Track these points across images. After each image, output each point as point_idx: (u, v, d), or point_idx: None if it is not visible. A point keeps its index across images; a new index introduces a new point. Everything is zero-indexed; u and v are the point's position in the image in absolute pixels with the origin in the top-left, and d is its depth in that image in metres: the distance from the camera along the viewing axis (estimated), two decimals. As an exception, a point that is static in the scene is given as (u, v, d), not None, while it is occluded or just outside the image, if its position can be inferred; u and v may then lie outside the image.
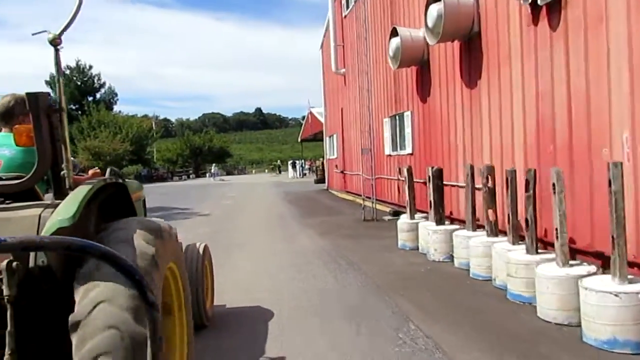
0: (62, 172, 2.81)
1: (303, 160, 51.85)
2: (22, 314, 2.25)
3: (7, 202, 2.68)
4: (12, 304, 2.19)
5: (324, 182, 36.43)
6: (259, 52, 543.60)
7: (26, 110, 2.80)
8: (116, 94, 66.67)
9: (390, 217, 13.41)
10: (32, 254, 2.32)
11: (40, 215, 2.53)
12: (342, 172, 21.19)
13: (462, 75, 9.35)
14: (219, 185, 40.96)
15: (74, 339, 2.16)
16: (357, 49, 17.22)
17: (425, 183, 9.85)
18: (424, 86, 11.50)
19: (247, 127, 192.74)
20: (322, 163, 53.99)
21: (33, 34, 2.77)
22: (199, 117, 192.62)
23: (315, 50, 26.10)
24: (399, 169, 13.28)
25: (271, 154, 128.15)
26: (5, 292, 2.20)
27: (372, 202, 13.85)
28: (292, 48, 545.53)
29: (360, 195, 17.91)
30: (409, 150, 12.67)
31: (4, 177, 2.81)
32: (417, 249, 9.00)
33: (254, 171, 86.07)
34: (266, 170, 76.79)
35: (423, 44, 11.03)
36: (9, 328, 2.16)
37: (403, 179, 12.25)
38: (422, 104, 11.71)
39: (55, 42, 2.70)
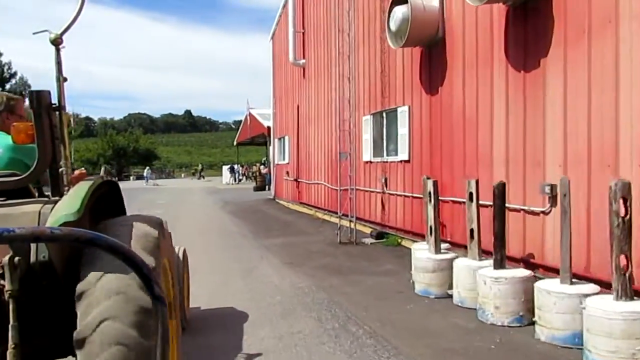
0: (60, 170, 2.85)
1: (239, 165, 48.19)
2: (22, 308, 2.24)
3: (1, 199, 2.65)
4: (14, 298, 2.20)
5: (264, 189, 33.37)
6: (191, 55, 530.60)
7: (6, 108, 3.20)
8: (29, 86, 60.10)
9: (373, 240, 10.58)
10: (33, 250, 2.34)
11: (40, 211, 2.54)
12: (295, 180, 18.20)
13: (509, 53, 6.70)
14: (146, 190, 36.56)
15: (80, 356, 2.13)
16: (326, 33, 14.38)
17: (429, 199, 7.08)
18: (433, 72, 8.78)
19: (175, 130, 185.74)
20: (259, 169, 50.87)
21: (34, 33, 2.87)
22: (124, 117, 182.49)
23: (249, 56, 23.07)
24: (385, 180, 10.52)
25: (201, 158, 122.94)
26: (7, 287, 2.22)
27: (351, 221, 10.95)
28: (225, 52, 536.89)
29: (321, 209, 15.04)
30: (403, 156, 9.91)
31: None
32: (449, 297, 6.21)
33: (182, 175, 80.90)
34: (182, 175, 70.67)
35: (437, 16, 8.34)
36: (11, 322, 2.17)
37: (392, 192, 9.56)
38: (427, 97, 8.99)
39: (57, 42, 2.75)
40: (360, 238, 10.71)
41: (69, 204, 2.44)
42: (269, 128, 34.54)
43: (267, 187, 33.57)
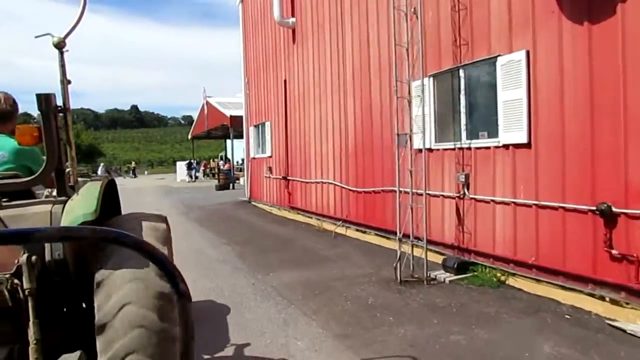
0: (67, 170, 2.86)
1: (195, 161, 43.13)
2: (36, 305, 2.29)
3: (4, 200, 2.65)
4: (32, 296, 2.24)
5: (228, 188, 28.83)
6: (132, 48, 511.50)
7: (18, 110, 3.22)
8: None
9: (451, 276, 6.55)
10: (48, 249, 2.41)
11: (51, 211, 2.57)
12: (283, 178, 13.92)
13: None
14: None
15: (101, 340, 2.14)
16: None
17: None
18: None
19: (121, 125, 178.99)
20: (218, 165, 45.93)
21: (36, 37, 2.84)
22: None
23: (194, 50, 18.49)
24: (465, 177, 6.56)
25: (150, 154, 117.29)
26: (26, 285, 2.25)
27: (414, 245, 6.84)
28: (169, 46, 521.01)
29: (329, 217, 10.91)
30: (512, 137, 5.93)
31: (0, 177, 2.79)
32: None
33: (132, 172, 74.48)
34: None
35: None
36: (31, 319, 2.21)
37: (483, 198, 5.63)
38: (580, 29, 5.02)
39: (60, 45, 2.75)
40: (426, 269, 6.64)
41: (86, 204, 2.47)
42: (232, 117, 30.09)
43: (231, 185, 29.14)
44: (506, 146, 6.07)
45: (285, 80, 13.71)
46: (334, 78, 10.76)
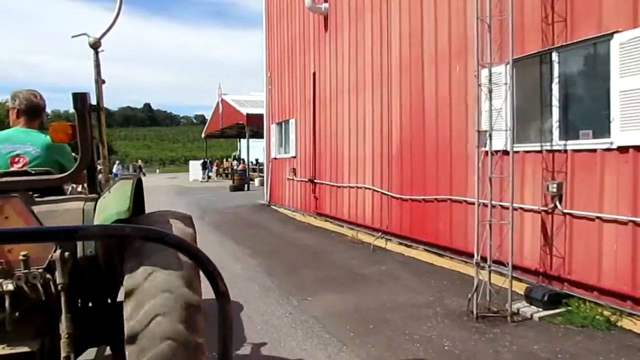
0: (99, 168, 2.92)
1: (203, 161, 41.96)
2: (68, 300, 2.35)
3: (36, 195, 2.65)
4: (64, 291, 2.30)
5: (242, 189, 27.63)
6: (149, 47, 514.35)
7: (45, 106, 3.25)
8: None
9: (540, 312, 5.21)
10: (80, 245, 2.44)
11: (83, 208, 2.58)
12: (310, 181, 12.64)
13: None
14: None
15: (130, 351, 2.13)
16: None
17: None
18: None
19: (134, 124, 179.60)
20: (232, 165, 44.73)
21: (73, 37, 2.86)
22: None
23: (207, 50, 17.22)
24: (558, 187, 5.23)
25: (162, 153, 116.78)
26: (59, 280, 2.31)
27: (481, 267, 5.52)
28: (183, 45, 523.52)
29: (365, 227, 9.64)
30: None
31: (33, 172, 2.80)
32: None
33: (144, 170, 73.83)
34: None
35: None
36: (64, 313, 2.26)
37: (586, 215, 4.28)
38: None
39: (96, 45, 2.78)
40: (502, 300, 5.30)
41: (118, 202, 2.45)
42: (248, 115, 28.92)
43: (245, 186, 27.93)
44: (623, 149, 4.72)
45: (314, 73, 12.43)
46: (375, 69, 9.45)
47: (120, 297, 2.50)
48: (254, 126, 30.78)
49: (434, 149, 7.67)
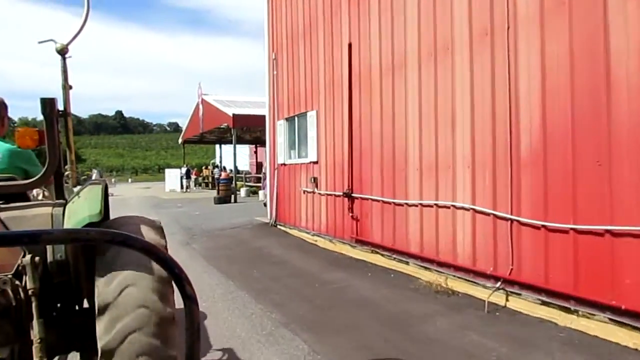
0: (66, 173, 2.93)
1: (185, 169, 37.80)
2: (39, 305, 2.31)
3: (0, 202, 2.63)
4: (36, 296, 2.26)
5: (228, 201, 23.88)
6: (121, 54, 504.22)
7: (6, 112, 3.27)
8: None
9: None
10: (50, 250, 2.40)
11: (52, 213, 2.57)
12: (346, 195, 9.02)
13: None
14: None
15: (103, 320, 2.14)
16: None
17: None
18: None
19: (105, 131, 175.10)
20: (212, 173, 40.64)
21: (39, 42, 2.85)
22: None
23: (181, 57, 13.64)
24: None
25: (134, 161, 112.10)
26: (30, 285, 2.26)
27: None
28: (157, 52, 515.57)
29: (440, 265, 6.06)
30: None
31: None
32: None
33: (113, 180, 69.01)
34: (113, 180, 48.74)
35: None
36: (35, 318, 2.23)
37: None
38: None
39: (63, 51, 2.77)
40: None
41: (90, 205, 2.44)
42: (235, 117, 25.18)
43: (232, 198, 24.19)
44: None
45: (350, 45, 8.89)
46: (475, 24, 5.97)
47: (86, 303, 2.66)
48: (240, 129, 27.06)
49: (632, 144, 4.20)
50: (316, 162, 10.34)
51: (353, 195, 8.83)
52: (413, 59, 7.16)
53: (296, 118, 11.45)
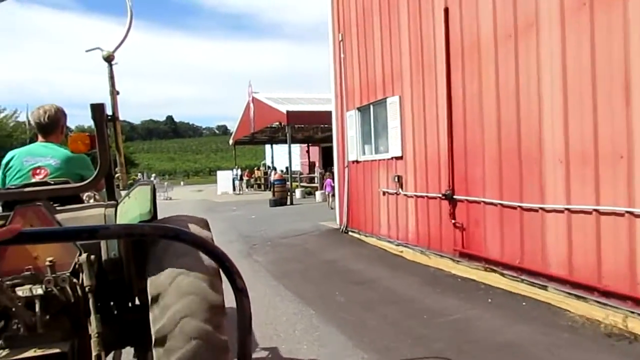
0: (116, 176, 3.00)
1: (238, 171, 36.64)
2: (96, 302, 2.38)
3: (56, 205, 2.72)
4: (92, 293, 2.34)
5: (284, 204, 22.47)
6: (168, 61, 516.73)
7: (65, 120, 3.37)
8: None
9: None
10: (104, 248, 2.50)
11: (104, 214, 2.66)
12: (446, 197, 7.24)
13: None
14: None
15: (155, 308, 2.20)
16: None
17: None
18: None
19: (157, 136, 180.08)
20: (266, 174, 39.40)
21: (87, 51, 2.92)
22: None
23: (225, 62, 12.09)
24: None
25: (185, 164, 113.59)
26: (86, 282, 2.35)
27: None
28: (201, 58, 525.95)
29: (605, 295, 4.01)
30: None
31: (52, 183, 2.88)
32: None
33: (166, 184, 69.49)
34: (165, 184, 40.90)
35: None
36: (93, 314, 2.31)
37: None
38: None
39: (110, 58, 2.84)
40: None
41: (140, 205, 2.53)
42: (289, 113, 23.73)
43: (287, 199, 22.76)
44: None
45: (446, 11, 7.13)
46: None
47: (138, 300, 2.72)
48: (293, 127, 25.52)
49: None
50: (400, 158, 8.60)
51: (455, 197, 7.06)
52: (551, 15, 5.32)
53: (371, 107, 9.74)
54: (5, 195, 2.68)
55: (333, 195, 21.32)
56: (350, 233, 10.90)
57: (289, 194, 23.23)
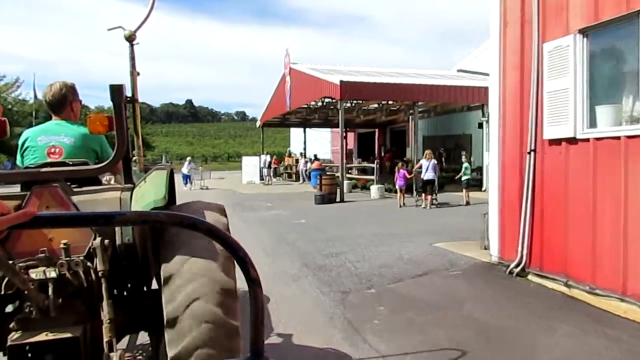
0: (134, 159, 2.92)
1: (266, 157, 31.30)
2: (109, 286, 2.39)
3: (74, 185, 2.69)
4: (106, 277, 2.31)
5: (333, 201, 17.38)
6: (190, 44, 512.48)
7: (75, 97, 3.20)
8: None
9: None
10: (118, 233, 2.46)
11: (120, 197, 2.61)
12: None
13: None
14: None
15: (167, 290, 2.20)
16: None
17: None
18: None
19: (176, 120, 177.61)
20: (296, 162, 34.17)
21: (109, 29, 2.89)
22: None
23: (248, 47, 7.11)
24: None
25: (203, 149, 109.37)
26: (100, 267, 2.32)
27: None
28: (223, 43, 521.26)
29: None
30: None
31: (70, 163, 2.83)
32: None
33: (200, 169, 64.84)
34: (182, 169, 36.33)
35: None
36: (105, 299, 2.27)
37: None
38: None
39: (131, 39, 2.81)
40: None
41: (155, 190, 2.50)
42: (342, 84, 18.36)
43: (336, 195, 17.63)
44: None
45: None
46: None
47: (153, 285, 2.74)
48: (327, 108, 20.05)
49: None
50: None
51: None
52: None
53: (621, 28, 4.45)
54: (24, 175, 2.67)
55: (406, 190, 16.11)
56: (535, 278, 5.66)
57: (339, 187, 18.07)
